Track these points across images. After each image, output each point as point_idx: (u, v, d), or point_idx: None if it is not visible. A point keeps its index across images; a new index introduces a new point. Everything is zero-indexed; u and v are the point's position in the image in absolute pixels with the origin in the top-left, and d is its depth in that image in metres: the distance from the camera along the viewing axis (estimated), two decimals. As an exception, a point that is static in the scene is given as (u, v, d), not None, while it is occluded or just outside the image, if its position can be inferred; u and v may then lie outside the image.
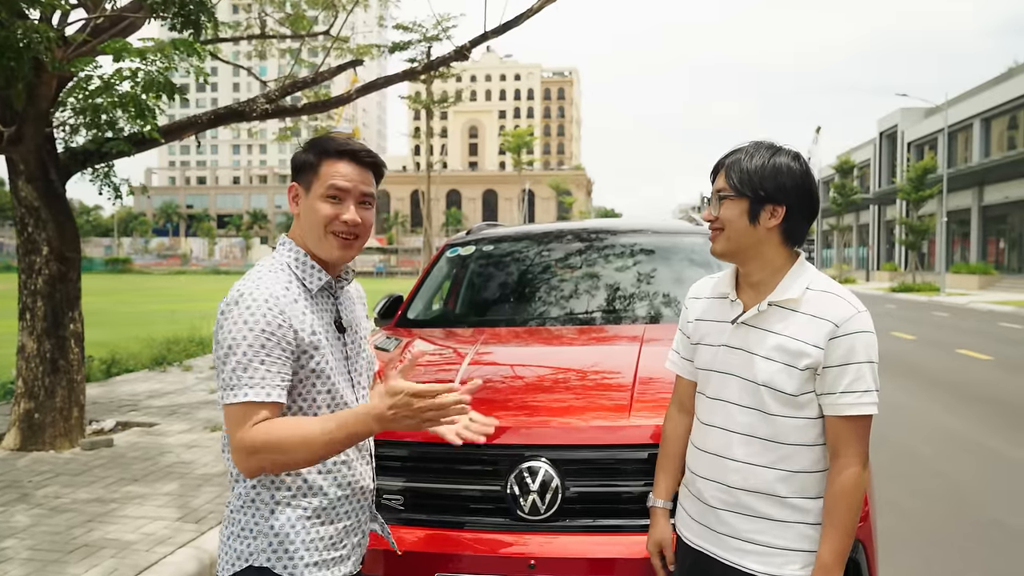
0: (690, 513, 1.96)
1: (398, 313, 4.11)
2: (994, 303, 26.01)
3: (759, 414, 1.79)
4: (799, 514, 1.78)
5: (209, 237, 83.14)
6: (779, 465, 1.78)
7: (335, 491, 1.77)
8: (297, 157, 1.84)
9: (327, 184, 1.77)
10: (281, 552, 1.72)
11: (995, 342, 15.04)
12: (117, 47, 5.15)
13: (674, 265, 4.11)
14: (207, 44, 8.10)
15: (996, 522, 4.88)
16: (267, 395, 1.62)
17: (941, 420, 7.87)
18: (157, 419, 7.17)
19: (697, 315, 2.00)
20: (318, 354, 1.73)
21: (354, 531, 1.84)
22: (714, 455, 1.87)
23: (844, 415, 1.73)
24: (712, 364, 1.89)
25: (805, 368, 1.73)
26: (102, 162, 6.54)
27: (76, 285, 6.31)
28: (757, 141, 1.86)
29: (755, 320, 1.82)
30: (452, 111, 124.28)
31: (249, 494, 1.73)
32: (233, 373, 1.62)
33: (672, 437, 2.08)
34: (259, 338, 1.63)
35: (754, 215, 1.78)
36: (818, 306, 1.76)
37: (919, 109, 49.51)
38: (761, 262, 1.82)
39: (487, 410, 2.56)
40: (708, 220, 1.86)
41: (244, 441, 1.61)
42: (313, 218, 1.78)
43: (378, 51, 12.14)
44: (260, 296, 1.66)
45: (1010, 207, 38.90)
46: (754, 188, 1.77)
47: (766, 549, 1.79)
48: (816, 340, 1.73)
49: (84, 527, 4.30)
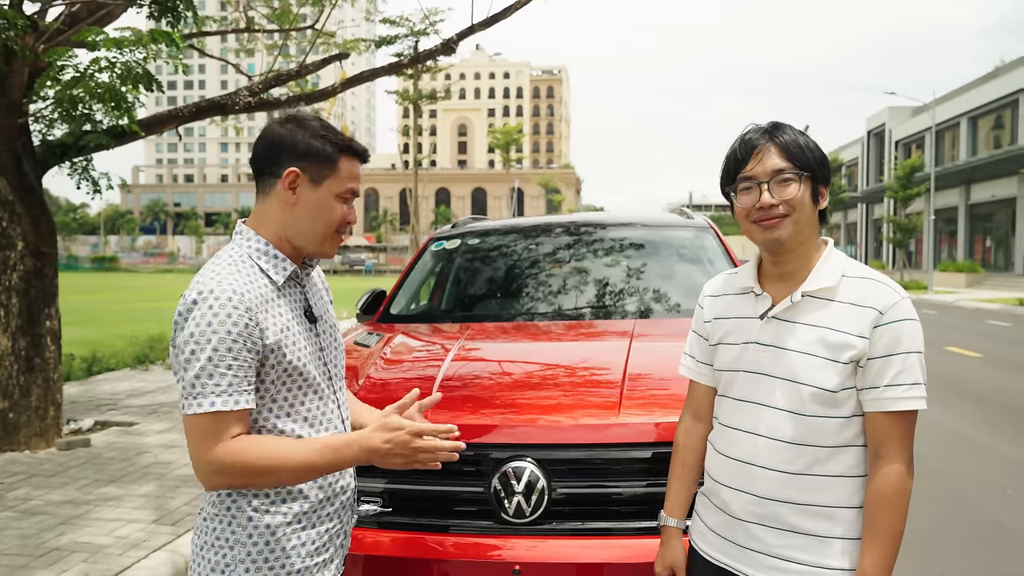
0: (711, 526, 1.79)
1: (381, 308, 4.00)
2: (981, 301, 26.10)
3: (794, 416, 1.63)
4: (839, 527, 1.61)
5: (197, 235, 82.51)
6: (815, 470, 1.61)
7: (317, 494, 1.66)
8: (301, 139, 1.63)
9: (347, 185, 1.67)
10: (261, 562, 1.59)
11: (984, 339, 15.06)
12: (92, 36, 5.01)
13: (664, 259, 4.01)
14: (190, 37, 7.96)
15: (993, 521, 4.81)
16: (235, 402, 1.50)
17: (934, 418, 7.81)
18: (137, 418, 7.03)
19: (715, 314, 1.83)
20: (290, 351, 1.60)
21: (337, 533, 1.74)
22: (742, 462, 1.70)
23: (890, 411, 1.57)
24: (738, 364, 1.73)
25: (849, 361, 1.58)
26: (80, 155, 6.40)
27: (53, 281, 6.16)
28: (775, 122, 1.71)
29: (787, 313, 1.66)
30: (441, 109, 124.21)
31: (224, 501, 1.60)
32: (197, 380, 1.49)
33: (687, 448, 1.91)
34: (224, 341, 1.49)
35: (816, 196, 1.67)
36: (858, 293, 1.61)
37: (907, 108, 49.71)
38: (804, 249, 1.68)
39: (471, 407, 2.47)
40: (767, 206, 1.65)
41: (214, 459, 1.49)
42: (324, 217, 1.66)
43: (365, 46, 12.01)
44: (223, 295, 1.52)
45: (996, 205, 39.10)
46: (818, 165, 1.66)
47: (800, 567, 1.61)
48: (860, 329, 1.58)
49: (55, 531, 4.16)
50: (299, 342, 1.64)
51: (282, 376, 1.60)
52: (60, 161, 6.34)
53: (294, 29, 10.71)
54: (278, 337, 1.58)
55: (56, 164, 6.35)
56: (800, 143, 1.66)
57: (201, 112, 7.00)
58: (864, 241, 57.52)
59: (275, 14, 10.73)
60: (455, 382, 2.68)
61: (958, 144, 42.87)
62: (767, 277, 1.74)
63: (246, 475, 1.52)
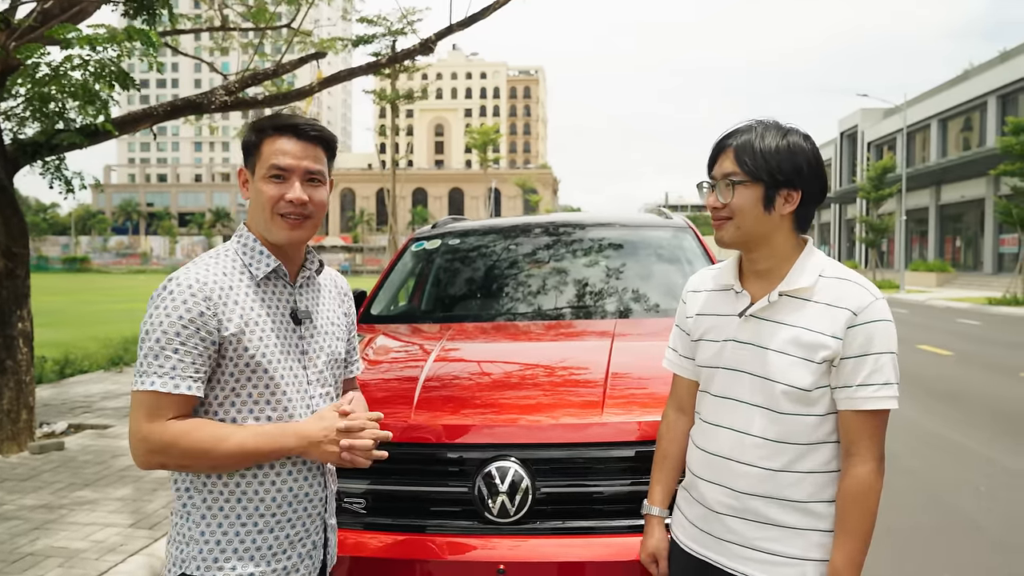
0: (690, 519, 1.82)
1: (361, 309, 3.98)
2: (951, 300, 26.52)
3: (770, 413, 1.66)
4: (813, 520, 1.65)
5: (170, 236, 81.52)
6: (790, 467, 1.65)
7: (274, 496, 1.64)
8: (244, 139, 1.74)
9: (268, 164, 1.66)
10: (211, 561, 1.60)
11: (954, 338, 15.30)
12: (66, 34, 4.93)
13: (643, 259, 4.04)
14: (165, 35, 7.87)
15: (965, 517, 4.90)
16: (175, 386, 1.54)
17: (907, 416, 7.93)
18: (112, 421, 6.93)
19: (697, 309, 1.85)
20: (253, 347, 1.61)
21: (302, 540, 1.70)
22: (720, 457, 1.73)
23: (861, 409, 1.60)
24: (718, 360, 1.76)
25: (822, 361, 1.61)
26: (53, 154, 6.29)
27: (24, 282, 6.05)
28: (761, 120, 1.71)
29: (765, 312, 1.69)
30: (418, 109, 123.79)
31: (182, 497, 1.64)
32: (144, 359, 1.55)
33: (670, 439, 1.95)
34: (174, 325, 1.54)
35: (769, 201, 1.65)
36: (833, 294, 1.64)
37: (879, 109, 50.41)
38: (770, 249, 1.69)
39: (454, 408, 2.47)
40: (713, 207, 1.70)
41: (148, 437, 1.54)
42: (259, 201, 1.68)
43: (342, 45, 11.94)
44: (185, 282, 1.58)
45: (966, 206, 39.77)
46: (771, 172, 1.63)
47: (776, 558, 1.66)
48: (834, 330, 1.61)
49: (29, 536, 4.09)
50: (267, 339, 1.64)
51: (244, 371, 1.61)
52: (32, 160, 6.24)
53: (270, 28, 10.63)
54: (239, 330, 1.60)
55: (28, 163, 6.24)
56: (756, 148, 1.65)
57: (177, 111, 6.92)
58: (837, 241, 58.23)
59: (250, 12, 10.64)
60: (438, 383, 2.67)
61: (928, 146, 43.55)
62: (746, 274, 1.77)
63: (183, 457, 1.55)
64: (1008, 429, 7.31)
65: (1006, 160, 24.75)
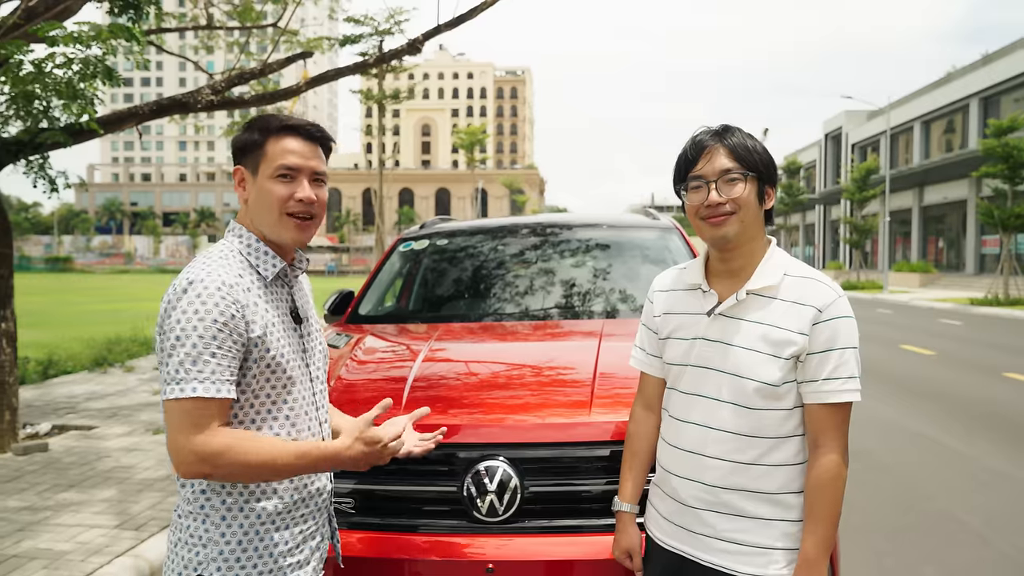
0: (663, 513, 1.87)
1: (349, 309, 3.98)
2: (934, 300, 26.77)
3: (740, 408, 1.71)
4: (782, 510, 1.72)
5: (154, 235, 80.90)
6: (760, 460, 1.71)
7: (291, 494, 1.66)
8: (239, 138, 1.71)
9: (277, 163, 1.65)
10: (232, 561, 1.59)
11: (937, 338, 15.45)
12: (50, 31, 4.90)
13: (630, 260, 4.06)
14: (150, 34, 7.82)
15: (945, 514, 4.95)
16: (217, 390, 1.51)
17: (888, 415, 8.01)
18: (96, 422, 6.88)
19: (664, 309, 1.90)
20: (274, 348, 1.61)
21: (312, 535, 1.73)
22: (691, 453, 1.78)
23: (827, 403, 1.67)
24: (686, 359, 1.81)
25: (790, 357, 1.67)
26: (36, 153, 6.24)
27: (8, 282, 6.01)
28: (725, 124, 1.79)
29: (733, 310, 1.74)
30: (404, 109, 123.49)
31: (199, 499, 1.60)
32: (181, 366, 1.50)
33: (638, 436, 1.99)
34: (210, 329, 1.51)
35: (761, 196, 1.74)
36: (798, 291, 1.70)
37: (863, 111, 50.79)
38: (751, 246, 1.76)
39: (443, 408, 2.47)
40: (713, 204, 1.72)
41: (197, 448, 1.48)
42: (266, 200, 1.66)
43: (328, 44, 11.90)
44: (212, 284, 1.54)
45: (948, 207, 40.13)
46: (766, 167, 1.74)
47: (748, 548, 1.72)
48: (800, 327, 1.67)
49: (13, 538, 4.06)
50: (282, 339, 1.65)
51: (264, 372, 1.61)
52: (15, 159, 6.18)
53: (256, 26, 10.60)
54: (263, 331, 1.59)
55: (11, 162, 6.19)
56: (747, 145, 1.74)
57: (162, 110, 6.89)
58: (822, 242, 58.59)
59: (236, 11, 10.59)
60: (426, 383, 2.68)
61: (912, 147, 43.90)
62: (714, 274, 1.81)
63: (232, 467, 1.51)
64: (989, 427, 7.39)
65: (988, 162, 25.01)
